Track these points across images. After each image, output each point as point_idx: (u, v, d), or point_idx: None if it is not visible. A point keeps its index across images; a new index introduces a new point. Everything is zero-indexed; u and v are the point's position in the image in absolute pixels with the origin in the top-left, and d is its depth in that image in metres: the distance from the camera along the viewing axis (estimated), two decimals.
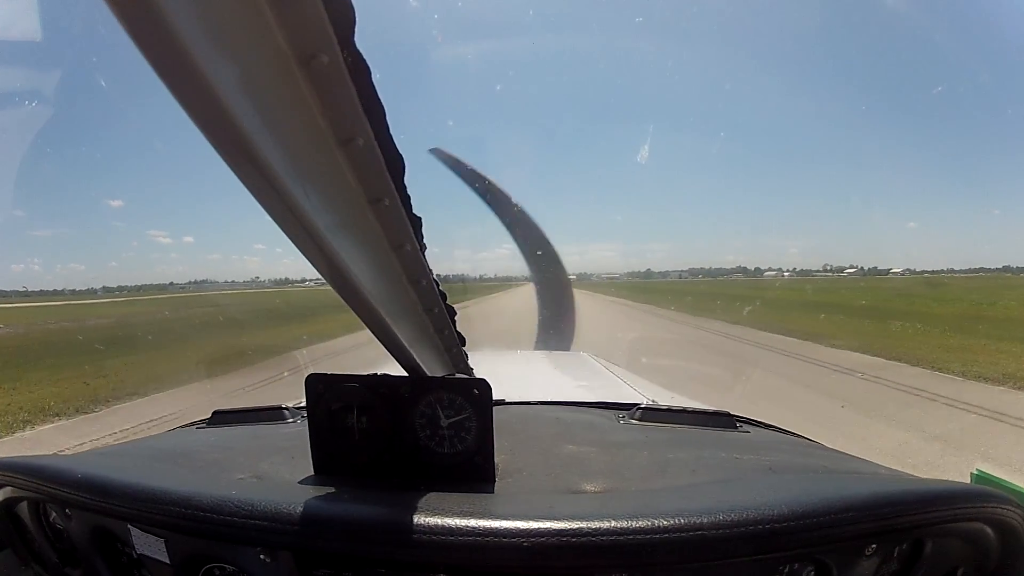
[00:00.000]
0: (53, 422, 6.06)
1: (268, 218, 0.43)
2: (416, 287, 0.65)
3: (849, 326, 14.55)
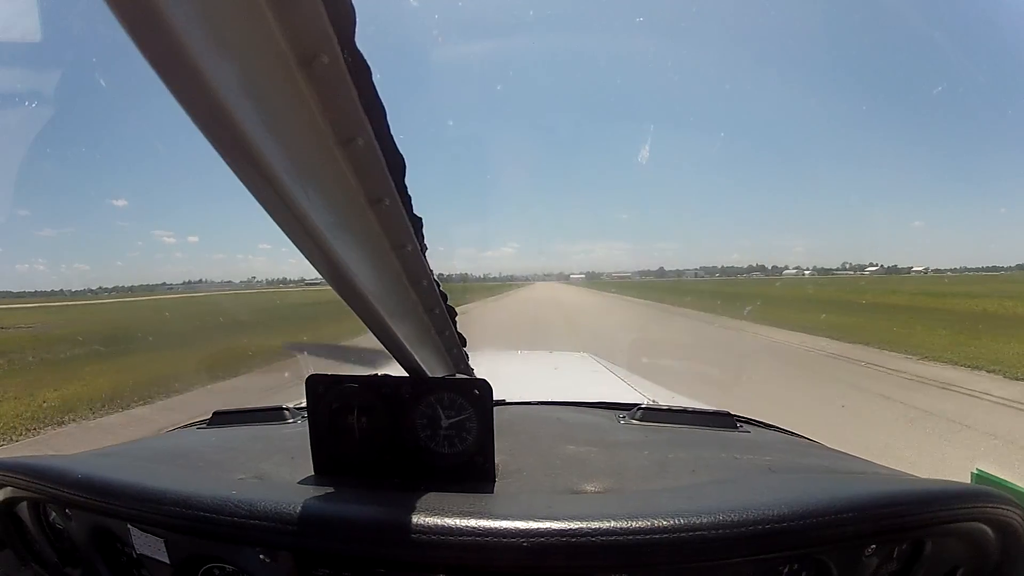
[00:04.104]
0: None
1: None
2: (417, 288, 0.65)
3: None
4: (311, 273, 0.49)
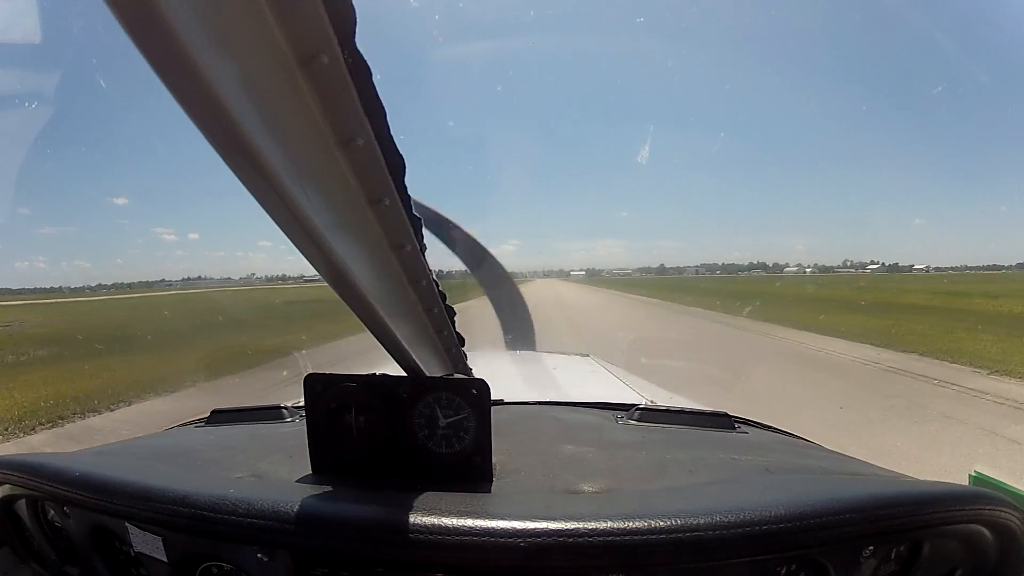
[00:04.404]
0: None
1: None
2: (416, 287, 0.65)
3: None
4: (310, 270, 0.50)
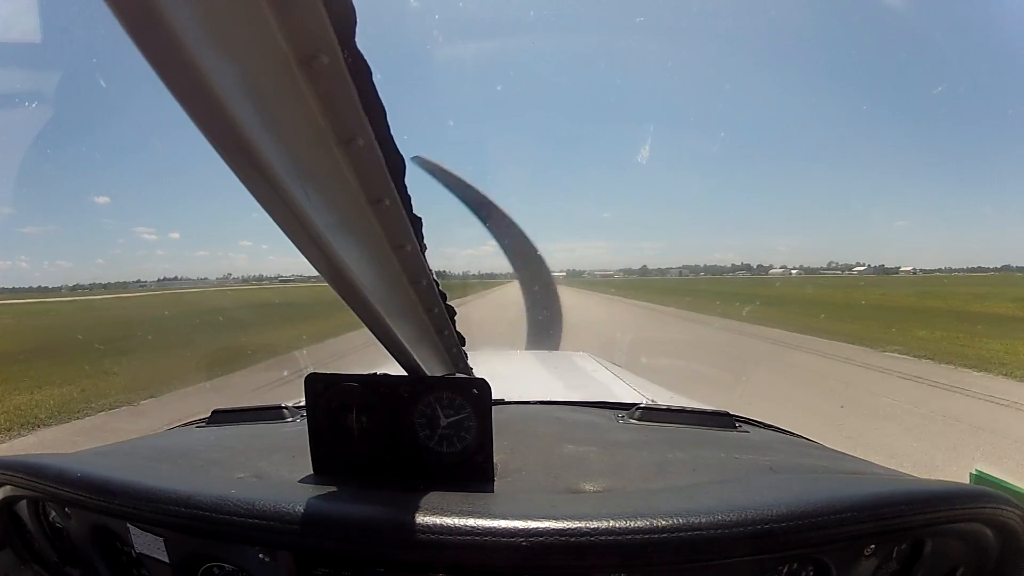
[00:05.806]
0: None
1: (255, 215, 0.43)
2: (416, 287, 0.65)
3: None
4: (286, 271, 0.49)
